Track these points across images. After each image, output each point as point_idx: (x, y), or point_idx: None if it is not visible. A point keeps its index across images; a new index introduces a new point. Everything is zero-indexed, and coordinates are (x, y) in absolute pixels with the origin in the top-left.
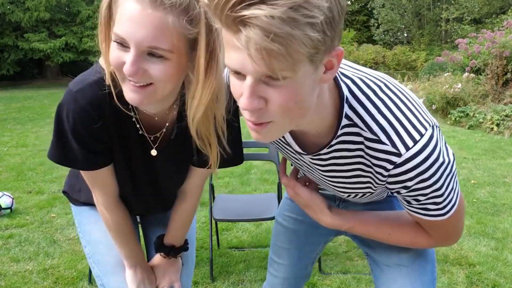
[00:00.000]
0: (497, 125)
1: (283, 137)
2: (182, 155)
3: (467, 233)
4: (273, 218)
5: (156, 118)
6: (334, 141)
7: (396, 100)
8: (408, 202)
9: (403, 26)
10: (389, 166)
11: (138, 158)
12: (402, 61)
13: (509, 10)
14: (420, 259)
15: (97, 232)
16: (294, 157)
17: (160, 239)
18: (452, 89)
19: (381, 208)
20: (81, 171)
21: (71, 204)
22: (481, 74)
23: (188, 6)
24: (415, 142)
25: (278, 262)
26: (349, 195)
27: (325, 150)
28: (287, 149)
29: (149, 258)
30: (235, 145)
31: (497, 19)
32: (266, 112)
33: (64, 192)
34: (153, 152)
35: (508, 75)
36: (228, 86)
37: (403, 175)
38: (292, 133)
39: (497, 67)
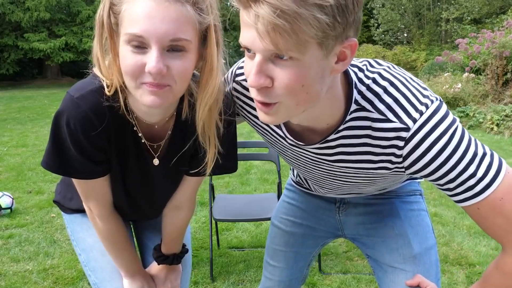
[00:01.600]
0: (497, 125)
1: (284, 134)
2: (179, 163)
3: (467, 233)
4: None
5: (156, 127)
6: (342, 127)
7: (401, 78)
8: (448, 188)
9: (403, 26)
10: (400, 143)
11: (135, 168)
12: (402, 61)
13: (509, 10)
14: (424, 262)
15: (90, 238)
16: (295, 153)
17: (158, 251)
18: (452, 89)
19: (383, 211)
20: (76, 181)
21: (62, 212)
22: (481, 74)
23: None
24: (422, 113)
25: (273, 265)
26: (356, 187)
27: (332, 136)
28: (285, 144)
29: (144, 263)
30: (231, 151)
31: (497, 19)
32: (272, 91)
33: (55, 201)
34: (156, 162)
35: (508, 75)
36: (226, 90)
37: (416, 149)
38: (290, 126)
39: (497, 67)
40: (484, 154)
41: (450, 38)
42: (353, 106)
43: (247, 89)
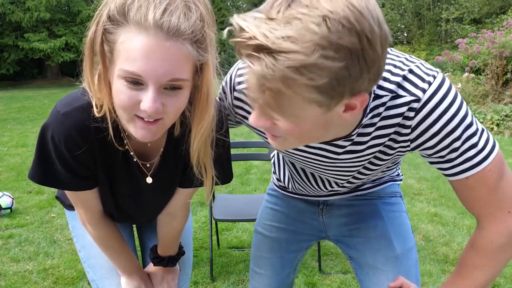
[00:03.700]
0: (497, 125)
1: None
2: (172, 179)
3: (467, 233)
4: None
5: (149, 145)
6: (355, 132)
7: (401, 57)
8: (448, 159)
9: (403, 26)
10: (411, 114)
11: (125, 185)
12: None
13: (509, 10)
14: (405, 262)
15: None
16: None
17: (155, 252)
18: None
19: (365, 212)
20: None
21: (64, 209)
22: (481, 74)
23: (201, 34)
24: (430, 84)
25: (259, 273)
26: (353, 173)
27: (345, 139)
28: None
29: (145, 263)
30: (227, 166)
31: (497, 19)
32: (276, 129)
33: (57, 197)
34: (149, 180)
35: (508, 75)
36: (219, 105)
37: (427, 118)
38: None
39: (497, 67)
40: (482, 128)
41: (450, 38)
42: (366, 117)
43: None
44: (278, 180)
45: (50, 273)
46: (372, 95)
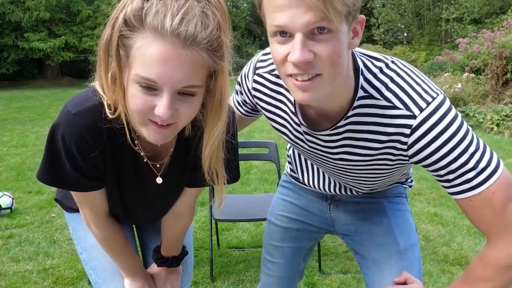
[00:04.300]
0: (497, 125)
1: (299, 121)
2: (181, 179)
3: (467, 233)
4: None
5: (159, 145)
6: (350, 113)
7: (407, 71)
8: (447, 179)
9: (403, 26)
10: (407, 131)
11: (134, 185)
12: None
13: (509, 10)
14: (408, 257)
15: (92, 238)
16: (301, 140)
17: (158, 253)
18: (452, 89)
19: (371, 209)
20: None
21: (64, 211)
22: (481, 74)
23: (217, 42)
24: (428, 103)
25: (272, 261)
26: (356, 179)
27: (342, 123)
28: (295, 131)
29: (146, 264)
30: (235, 167)
31: (497, 19)
32: (315, 64)
33: (56, 200)
34: (159, 180)
35: (508, 75)
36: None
37: (423, 138)
38: (306, 113)
39: (497, 67)
40: (485, 150)
41: (450, 38)
42: (360, 92)
43: (270, 81)
44: (292, 170)
45: (50, 273)
46: (364, 93)
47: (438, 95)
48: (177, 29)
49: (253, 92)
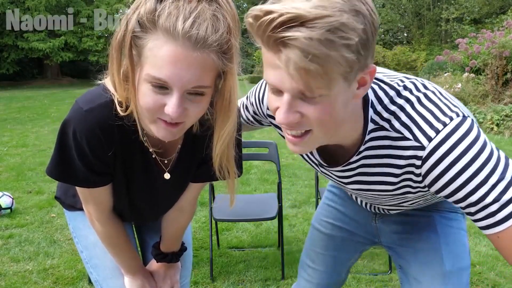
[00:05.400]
0: (497, 125)
1: (312, 154)
2: (187, 174)
3: (467, 232)
4: (273, 218)
5: (167, 141)
6: (362, 147)
7: (420, 95)
8: (469, 212)
9: (403, 26)
10: (418, 162)
11: (142, 181)
12: (402, 61)
13: (509, 10)
14: (454, 282)
15: (93, 236)
16: (314, 165)
17: (157, 249)
18: (452, 89)
19: (420, 223)
20: (77, 187)
21: (64, 209)
22: (481, 74)
23: (227, 45)
24: (437, 132)
25: (312, 267)
26: (384, 202)
27: (354, 158)
28: (314, 163)
29: (145, 261)
30: (239, 162)
31: (497, 19)
32: (303, 124)
33: (56, 198)
34: (167, 176)
35: (508, 75)
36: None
37: (434, 169)
38: (320, 149)
39: (497, 67)
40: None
41: (450, 38)
42: (371, 125)
43: None
44: None
45: (50, 273)
46: (374, 125)
47: (452, 119)
48: (189, 32)
49: (269, 119)
